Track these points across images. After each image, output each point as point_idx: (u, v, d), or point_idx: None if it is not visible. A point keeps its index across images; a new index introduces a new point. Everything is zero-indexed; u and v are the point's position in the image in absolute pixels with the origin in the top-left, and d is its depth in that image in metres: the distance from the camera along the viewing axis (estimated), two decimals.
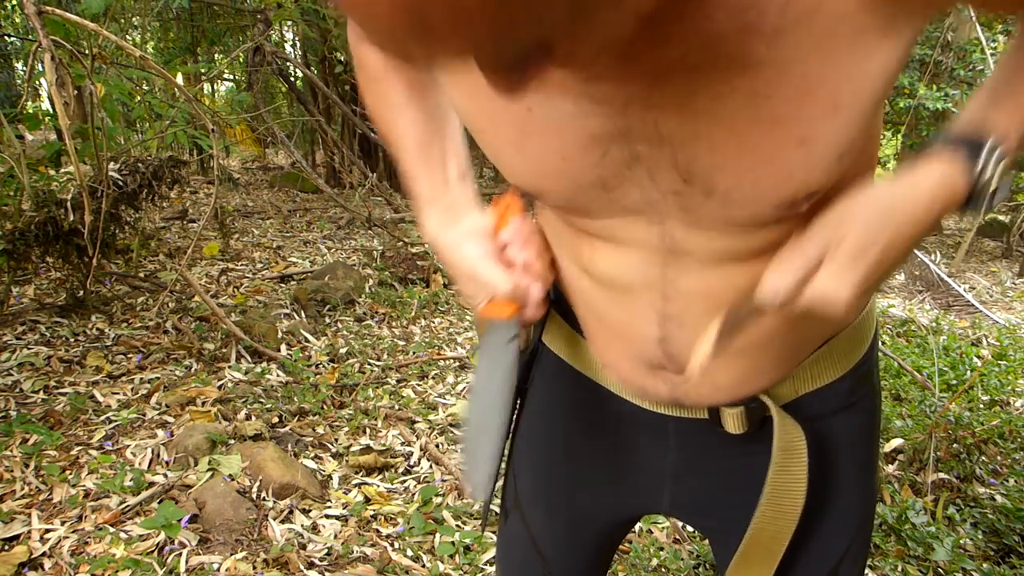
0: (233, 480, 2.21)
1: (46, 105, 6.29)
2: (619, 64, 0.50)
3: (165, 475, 2.23)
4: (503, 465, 0.96)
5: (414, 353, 3.44)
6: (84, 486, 2.15)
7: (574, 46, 0.39)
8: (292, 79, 6.86)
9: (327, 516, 2.15)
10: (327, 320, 3.75)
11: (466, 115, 0.62)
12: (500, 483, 0.96)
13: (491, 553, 2.01)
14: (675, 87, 0.50)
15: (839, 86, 0.48)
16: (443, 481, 2.37)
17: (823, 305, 0.56)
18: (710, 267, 0.62)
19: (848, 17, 0.46)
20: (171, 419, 2.58)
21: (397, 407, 2.87)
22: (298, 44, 8.41)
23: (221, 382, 2.89)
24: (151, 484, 2.17)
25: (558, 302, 0.82)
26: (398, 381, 3.14)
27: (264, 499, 2.17)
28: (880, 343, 0.84)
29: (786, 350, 0.71)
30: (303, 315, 3.74)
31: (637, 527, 2.14)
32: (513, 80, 0.39)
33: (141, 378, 2.88)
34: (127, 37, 6.18)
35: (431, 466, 2.48)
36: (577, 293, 0.74)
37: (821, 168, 0.52)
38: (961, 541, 2.08)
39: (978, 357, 3.66)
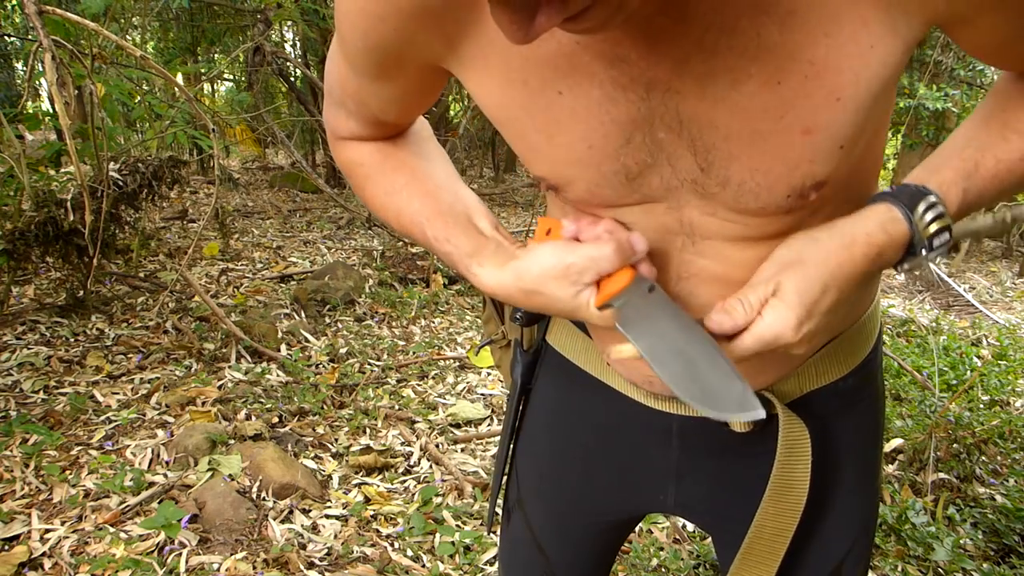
0: (233, 480, 2.21)
1: (46, 105, 6.29)
2: (642, 44, 0.52)
3: (165, 475, 2.23)
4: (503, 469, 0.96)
5: (414, 353, 3.44)
6: (84, 486, 2.15)
7: None
8: (292, 79, 6.86)
9: (327, 516, 2.15)
10: (327, 320, 3.75)
11: (498, 107, 0.61)
12: (504, 481, 0.96)
13: (491, 553, 2.01)
14: (695, 71, 0.52)
15: (841, 75, 0.51)
16: (443, 481, 2.37)
17: (773, 340, 0.58)
18: (725, 250, 0.63)
19: (852, 6, 0.49)
20: (171, 419, 2.58)
21: (397, 407, 2.87)
22: (298, 44, 8.41)
23: (221, 382, 2.89)
24: (151, 484, 2.17)
25: None
26: (398, 381, 3.14)
27: (264, 499, 2.17)
28: (882, 344, 0.84)
29: None
30: (303, 315, 3.74)
31: (637, 527, 2.14)
32: (524, 24, 0.40)
33: (141, 378, 2.88)
34: (127, 37, 6.18)
35: (431, 466, 2.48)
36: None
37: (823, 158, 0.55)
38: (961, 541, 2.08)
39: (978, 357, 3.66)
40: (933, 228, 0.59)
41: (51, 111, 4.19)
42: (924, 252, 0.60)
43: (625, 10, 0.43)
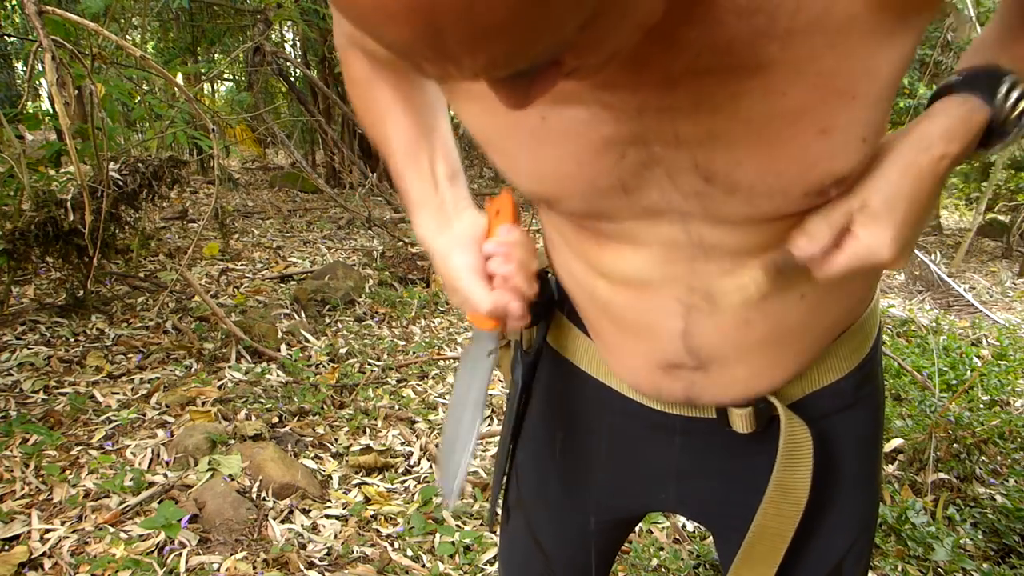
0: (233, 480, 2.21)
1: (46, 105, 6.29)
2: (630, 71, 0.50)
3: (165, 475, 2.23)
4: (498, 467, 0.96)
5: (414, 353, 3.44)
6: (84, 486, 2.15)
7: (582, 60, 0.40)
8: (292, 79, 6.86)
9: (327, 516, 2.15)
10: (327, 320, 3.75)
11: (478, 128, 0.61)
12: (505, 480, 0.96)
13: (491, 553, 2.01)
14: (688, 90, 0.50)
15: (855, 78, 0.49)
16: None
17: (869, 259, 0.55)
18: (740, 257, 0.61)
19: (858, 18, 0.47)
20: (171, 419, 2.58)
21: (397, 407, 2.87)
22: (298, 44, 8.41)
23: (221, 382, 2.89)
24: (151, 484, 2.17)
25: (563, 301, 0.82)
26: (398, 381, 3.14)
27: (264, 499, 2.17)
28: (881, 343, 0.84)
29: (803, 343, 0.70)
30: (303, 315, 3.74)
31: (637, 527, 2.14)
32: (521, 94, 0.41)
33: (141, 378, 2.88)
34: (127, 37, 6.18)
35: (431, 466, 2.48)
36: (588, 296, 0.74)
37: (845, 153, 0.52)
38: (961, 541, 2.08)
39: (978, 357, 3.66)
40: (1021, 106, 0.54)
41: (51, 111, 4.19)
42: (1016, 131, 0.55)
43: (618, 57, 0.42)
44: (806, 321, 0.68)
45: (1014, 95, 0.54)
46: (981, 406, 2.89)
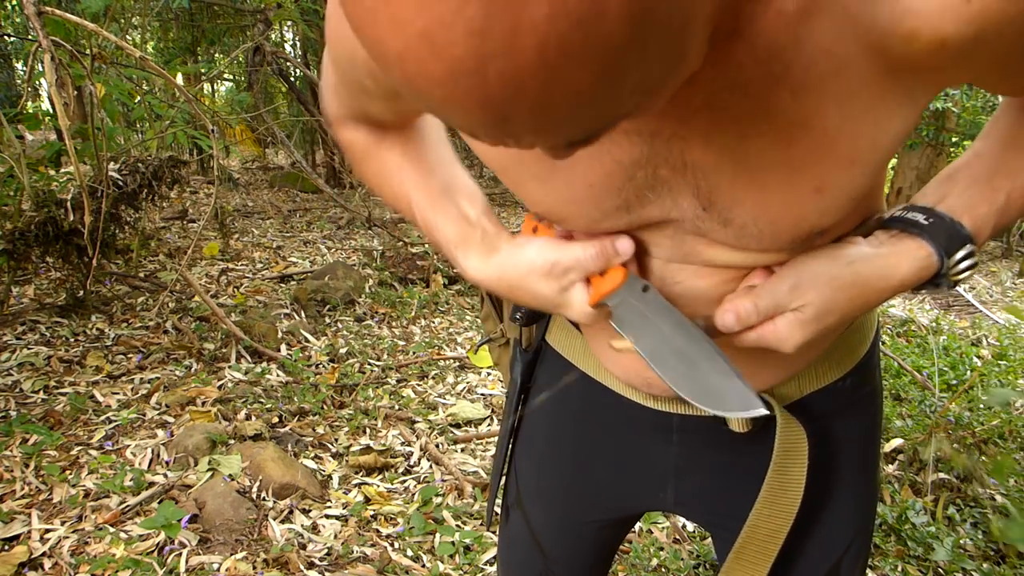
0: (233, 480, 2.21)
1: (46, 105, 6.30)
2: None
3: (165, 475, 2.23)
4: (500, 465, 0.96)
5: (414, 353, 3.44)
6: (84, 486, 2.15)
7: (632, 117, 0.40)
8: (292, 79, 6.86)
9: (327, 516, 2.15)
10: (327, 320, 3.75)
11: (490, 155, 0.61)
12: (504, 480, 0.96)
13: (491, 553, 2.01)
14: (702, 123, 0.51)
15: (857, 142, 0.50)
16: (443, 481, 2.37)
17: (771, 345, 0.59)
18: (714, 273, 0.63)
19: (870, 83, 0.48)
20: (171, 419, 2.58)
21: (397, 407, 2.87)
22: (298, 44, 8.41)
23: (221, 382, 2.89)
24: (151, 484, 2.17)
25: None
26: (398, 381, 3.14)
27: (264, 499, 2.17)
28: (880, 343, 0.84)
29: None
30: (303, 315, 3.74)
31: (637, 527, 2.14)
32: (568, 151, 0.41)
33: (141, 378, 2.88)
34: (127, 37, 6.18)
35: (431, 466, 2.48)
36: None
37: (834, 212, 0.55)
38: (961, 541, 2.08)
39: (978, 357, 3.66)
40: (963, 268, 0.59)
41: (51, 111, 4.19)
42: (946, 287, 0.61)
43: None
44: None
45: (964, 264, 0.59)
46: (981, 406, 2.89)
